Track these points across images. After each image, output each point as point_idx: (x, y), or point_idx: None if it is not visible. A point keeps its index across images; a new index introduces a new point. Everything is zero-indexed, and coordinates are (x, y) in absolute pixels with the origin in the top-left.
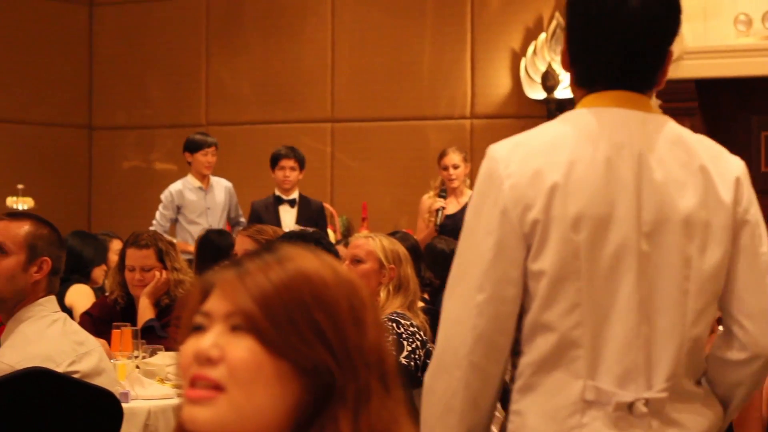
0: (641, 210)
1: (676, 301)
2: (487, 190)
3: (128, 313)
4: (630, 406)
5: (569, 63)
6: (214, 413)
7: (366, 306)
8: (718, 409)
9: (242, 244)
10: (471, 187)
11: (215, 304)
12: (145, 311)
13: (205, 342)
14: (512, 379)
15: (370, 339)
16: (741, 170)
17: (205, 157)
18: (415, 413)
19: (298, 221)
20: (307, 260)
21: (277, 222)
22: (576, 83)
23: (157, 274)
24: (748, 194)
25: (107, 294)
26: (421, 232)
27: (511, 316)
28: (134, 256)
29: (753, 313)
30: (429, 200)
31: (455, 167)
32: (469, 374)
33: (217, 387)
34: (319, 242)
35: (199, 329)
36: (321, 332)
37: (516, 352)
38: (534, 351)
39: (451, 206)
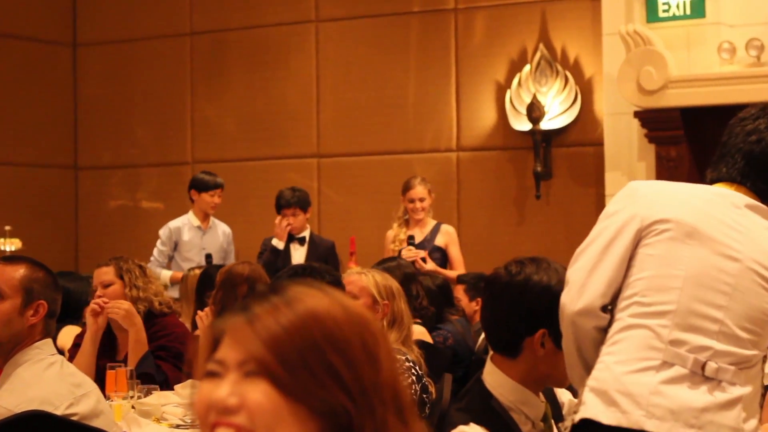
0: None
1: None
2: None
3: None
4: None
5: (713, 161)
6: None
7: (378, 340)
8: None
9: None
10: (434, 217)
11: (227, 352)
12: (136, 346)
13: (222, 392)
14: None
15: (384, 374)
16: None
17: (211, 198)
18: None
19: (308, 259)
20: (315, 299)
21: (288, 260)
22: (709, 176)
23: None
24: None
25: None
26: None
27: None
28: (96, 274)
29: None
30: (393, 232)
31: (421, 200)
32: None
33: (244, 430)
34: (322, 275)
35: (212, 375)
36: (336, 373)
37: None
38: None
39: (416, 236)
